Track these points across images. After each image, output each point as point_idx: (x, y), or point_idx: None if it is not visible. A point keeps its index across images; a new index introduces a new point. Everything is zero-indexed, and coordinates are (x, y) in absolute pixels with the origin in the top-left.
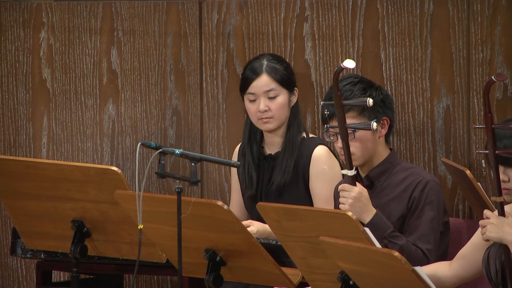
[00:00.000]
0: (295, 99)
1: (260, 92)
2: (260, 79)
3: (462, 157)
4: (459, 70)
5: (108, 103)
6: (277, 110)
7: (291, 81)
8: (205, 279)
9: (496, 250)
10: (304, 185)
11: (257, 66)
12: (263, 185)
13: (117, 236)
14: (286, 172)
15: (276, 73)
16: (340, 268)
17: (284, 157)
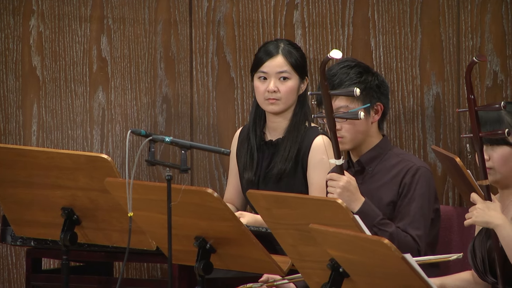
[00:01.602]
0: (304, 87)
1: (272, 72)
2: (275, 59)
3: (452, 144)
4: (449, 57)
5: (98, 90)
6: (285, 93)
7: (304, 68)
8: (195, 266)
9: (481, 240)
10: (302, 173)
11: (273, 47)
12: (261, 170)
13: (107, 223)
14: (289, 159)
15: (292, 57)
16: (330, 256)
17: (288, 144)
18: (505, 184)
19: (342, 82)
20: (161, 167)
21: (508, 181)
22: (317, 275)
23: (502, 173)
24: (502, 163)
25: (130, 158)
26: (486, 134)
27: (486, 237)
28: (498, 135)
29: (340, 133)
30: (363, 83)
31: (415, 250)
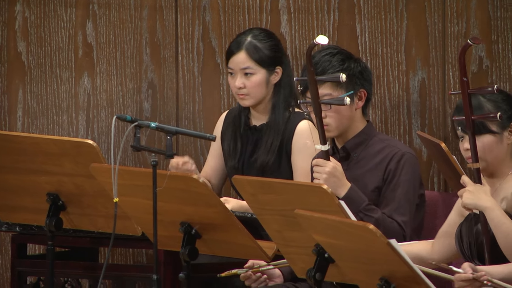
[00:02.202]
0: (276, 78)
1: (237, 69)
2: (238, 55)
3: (437, 130)
4: (434, 43)
5: (84, 76)
6: (252, 88)
7: (272, 61)
8: (181, 252)
9: (468, 225)
10: (287, 160)
11: (238, 42)
12: (246, 157)
13: (92, 209)
14: (271, 152)
15: (256, 52)
16: (315, 241)
17: (270, 135)
18: (491, 171)
19: (325, 70)
20: (147, 153)
21: (494, 169)
22: (302, 261)
23: (487, 161)
24: (486, 151)
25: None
26: (478, 117)
27: (473, 223)
28: (490, 118)
29: (325, 120)
30: (346, 70)
31: (400, 236)
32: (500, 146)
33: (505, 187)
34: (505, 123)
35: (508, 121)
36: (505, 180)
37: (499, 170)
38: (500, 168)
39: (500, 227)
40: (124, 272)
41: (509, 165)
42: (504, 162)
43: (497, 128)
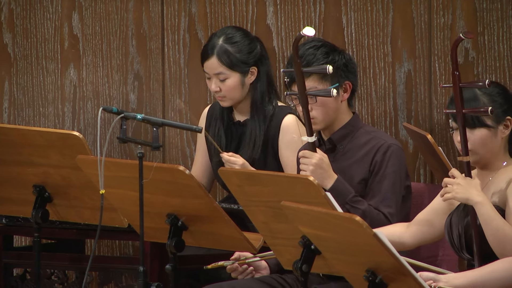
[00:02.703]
0: (252, 78)
1: (211, 73)
2: (210, 61)
3: (423, 121)
4: (420, 35)
5: (70, 68)
6: (227, 92)
7: (244, 63)
8: (167, 244)
9: (459, 215)
10: (273, 156)
11: (210, 47)
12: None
13: (78, 201)
14: (256, 146)
15: (227, 57)
16: (302, 233)
17: (253, 132)
18: (484, 164)
19: (310, 63)
20: (133, 145)
21: (487, 162)
22: (288, 252)
23: (480, 155)
24: (481, 145)
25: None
26: (469, 111)
27: (464, 213)
28: (480, 112)
29: (311, 113)
30: (330, 63)
31: None
32: (494, 140)
33: (497, 180)
34: (500, 117)
35: (503, 115)
36: (498, 173)
37: (492, 163)
38: (493, 161)
39: (490, 223)
40: (110, 264)
41: (502, 158)
42: (498, 156)
43: (492, 122)
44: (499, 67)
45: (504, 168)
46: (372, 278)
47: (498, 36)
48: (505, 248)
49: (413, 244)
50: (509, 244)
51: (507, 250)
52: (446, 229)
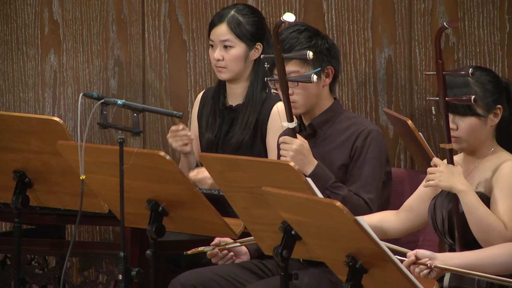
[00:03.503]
0: (256, 54)
1: (217, 40)
2: (219, 27)
3: (403, 107)
4: (401, 20)
5: (50, 53)
6: (230, 61)
7: (252, 36)
8: (148, 229)
9: (443, 200)
10: (261, 140)
11: (221, 15)
12: (221, 135)
13: (59, 186)
14: (247, 129)
15: (237, 26)
16: (282, 218)
17: (246, 113)
18: (471, 151)
19: (292, 47)
20: (113, 130)
21: (474, 149)
22: (269, 238)
23: (469, 142)
24: (469, 133)
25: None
26: (452, 99)
27: (448, 198)
28: (464, 101)
29: (292, 97)
30: (313, 47)
31: (367, 213)
32: (484, 129)
33: (483, 167)
34: (490, 106)
35: (493, 104)
36: (484, 160)
37: (479, 150)
38: (481, 148)
39: (473, 212)
40: (91, 249)
41: (490, 145)
42: (485, 143)
43: (483, 111)
44: (479, 53)
45: (491, 155)
46: (352, 263)
47: (478, 21)
48: (489, 237)
49: (402, 231)
50: (493, 234)
51: (491, 239)
52: (430, 213)
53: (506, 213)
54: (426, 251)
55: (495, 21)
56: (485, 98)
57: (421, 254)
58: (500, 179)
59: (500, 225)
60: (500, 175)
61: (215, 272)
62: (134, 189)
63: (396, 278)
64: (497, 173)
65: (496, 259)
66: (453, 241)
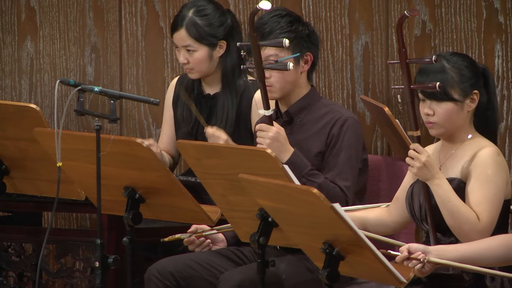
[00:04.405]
0: (220, 51)
1: (180, 45)
2: (179, 33)
3: (380, 94)
4: (378, 7)
5: (27, 40)
6: (195, 64)
7: (212, 37)
8: (124, 216)
9: (420, 187)
10: (245, 131)
11: (180, 18)
12: (199, 125)
13: (36, 173)
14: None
15: (195, 30)
16: (259, 205)
17: (225, 108)
18: (448, 136)
19: (273, 31)
20: (90, 117)
21: (451, 134)
22: (246, 225)
23: (446, 128)
24: (446, 118)
25: (59, 108)
26: (417, 86)
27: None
28: (428, 88)
29: (269, 81)
30: (293, 32)
31: (343, 200)
32: (460, 114)
33: (460, 153)
34: (467, 91)
35: (470, 89)
36: (462, 146)
37: (457, 136)
38: (458, 134)
39: (446, 204)
40: (67, 236)
41: (467, 131)
42: (463, 128)
43: (459, 96)
44: (456, 39)
45: (468, 141)
46: (329, 250)
47: (455, 8)
48: (461, 228)
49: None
50: (465, 225)
51: (463, 231)
52: (407, 200)
53: (481, 204)
54: (420, 245)
55: (471, 8)
56: (462, 83)
57: (414, 248)
58: (477, 167)
59: (473, 217)
60: (476, 163)
61: (192, 259)
62: (111, 176)
63: (373, 264)
64: (474, 160)
65: (494, 252)
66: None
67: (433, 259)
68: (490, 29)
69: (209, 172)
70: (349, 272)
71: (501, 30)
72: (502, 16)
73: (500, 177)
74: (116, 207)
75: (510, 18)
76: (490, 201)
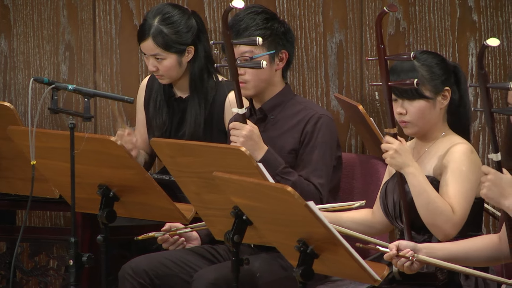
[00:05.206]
0: (189, 56)
1: (148, 54)
2: (146, 42)
3: (354, 92)
4: (352, 5)
5: (0, 38)
6: (165, 71)
7: (181, 44)
8: (98, 214)
9: (394, 184)
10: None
11: (146, 27)
12: (172, 127)
13: (10, 172)
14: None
15: (162, 39)
16: (234, 203)
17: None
18: (422, 135)
19: (248, 27)
20: (64, 115)
21: (425, 132)
22: (220, 223)
23: (419, 126)
24: (419, 116)
25: (32, 106)
26: (395, 83)
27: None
28: (406, 85)
29: (243, 78)
30: (269, 29)
31: (317, 198)
32: (433, 111)
33: (434, 151)
34: (438, 88)
35: (441, 86)
36: (435, 143)
37: (430, 133)
38: (432, 132)
39: (421, 195)
40: (41, 234)
41: (441, 129)
42: (436, 126)
43: (431, 94)
44: (430, 37)
45: (442, 138)
46: (303, 248)
47: (429, 6)
48: (435, 221)
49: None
50: (439, 217)
51: (438, 223)
52: (381, 198)
53: (455, 197)
54: (409, 242)
55: (445, 6)
56: (432, 81)
57: (403, 246)
58: (451, 162)
59: (448, 209)
60: (450, 159)
61: (166, 258)
62: (85, 174)
63: (347, 262)
64: (447, 156)
65: (481, 252)
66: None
67: (422, 257)
68: (464, 27)
69: (183, 170)
70: (324, 270)
71: (474, 28)
72: (476, 14)
73: (474, 174)
74: (90, 205)
75: (483, 17)
76: (464, 196)
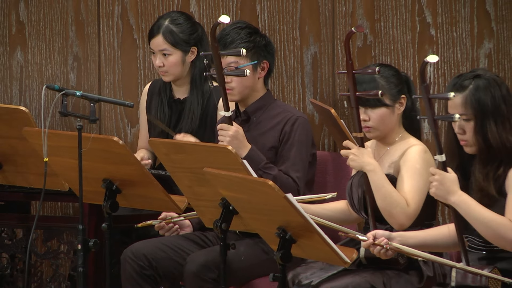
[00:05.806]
0: (192, 56)
1: (156, 50)
2: (156, 39)
3: (327, 97)
4: (325, 21)
5: (17, 50)
6: (169, 67)
7: (186, 43)
8: (103, 205)
9: (359, 179)
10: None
11: (156, 26)
12: (171, 125)
13: (25, 167)
14: (194, 120)
15: (171, 36)
16: (222, 195)
17: (193, 103)
18: (382, 138)
19: (234, 41)
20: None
21: (385, 136)
22: (210, 213)
23: (380, 130)
24: (381, 122)
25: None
26: (362, 94)
27: (363, 178)
28: (371, 95)
29: (230, 85)
30: (252, 42)
31: (295, 190)
32: (392, 117)
33: (392, 151)
34: (396, 96)
35: (398, 94)
36: (393, 145)
37: (389, 137)
38: (391, 135)
39: (380, 189)
40: (53, 222)
41: (397, 132)
42: (394, 130)
43: (390, 102)
44: (393, 50)
45: (399, 141)
46: (283, 234)
47: (392, 22)
48: (391, 212)
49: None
50: (395, 209)
51: (394, 214)
52: (347, 192)
53: (409, 192)
54: (385, 231)
55: (407, 22)
56: (391, 90)
57: (379, 235)
58: (407, 161)
59: (403, 202)
60: (406, 158)
61: (162, 243)
62: (91, 170)
63: (321, 247)
64: (404, 157)
65: (450, 239)
66: (367, 216)
67: (395, 244)
68: (423, 41)
69: (177, 166)
70: (300, 254)
71: (432, 41)
72: (433, 29)
73: (427, 171)
74: (95, 197)
75: (440, 31)
76: (418, 191)
